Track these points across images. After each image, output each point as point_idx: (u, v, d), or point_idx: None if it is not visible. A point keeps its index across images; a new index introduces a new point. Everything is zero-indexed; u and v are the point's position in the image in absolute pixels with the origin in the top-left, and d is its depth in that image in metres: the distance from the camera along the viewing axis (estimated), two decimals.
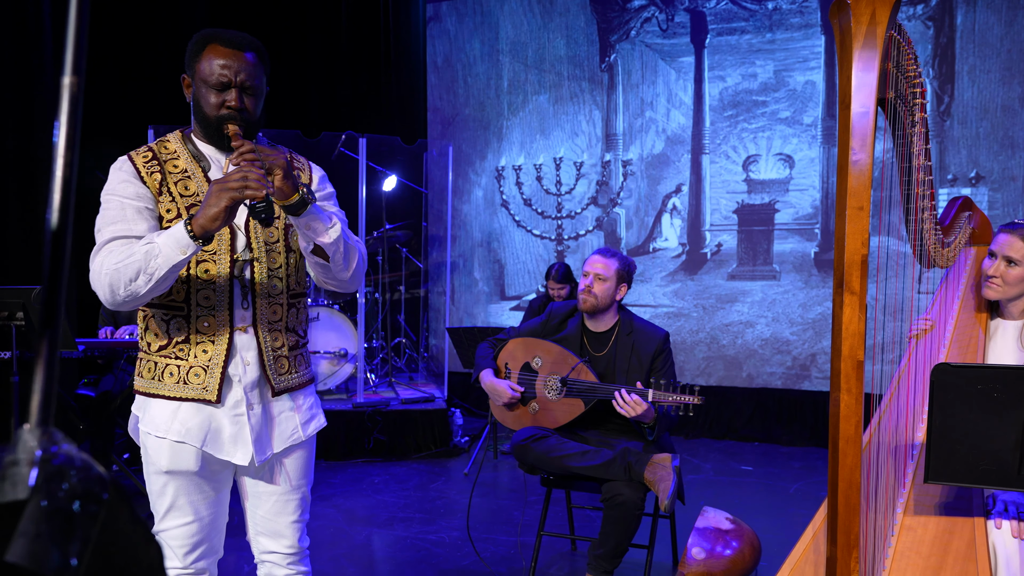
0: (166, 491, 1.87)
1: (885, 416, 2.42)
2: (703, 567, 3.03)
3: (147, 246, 1.69)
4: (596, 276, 3.00)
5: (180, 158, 1.88)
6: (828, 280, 5.94)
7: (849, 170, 2.05)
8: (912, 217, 2.37)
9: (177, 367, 1.85)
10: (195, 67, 1.83)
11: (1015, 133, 5.44)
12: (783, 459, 5.27)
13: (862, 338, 2.02)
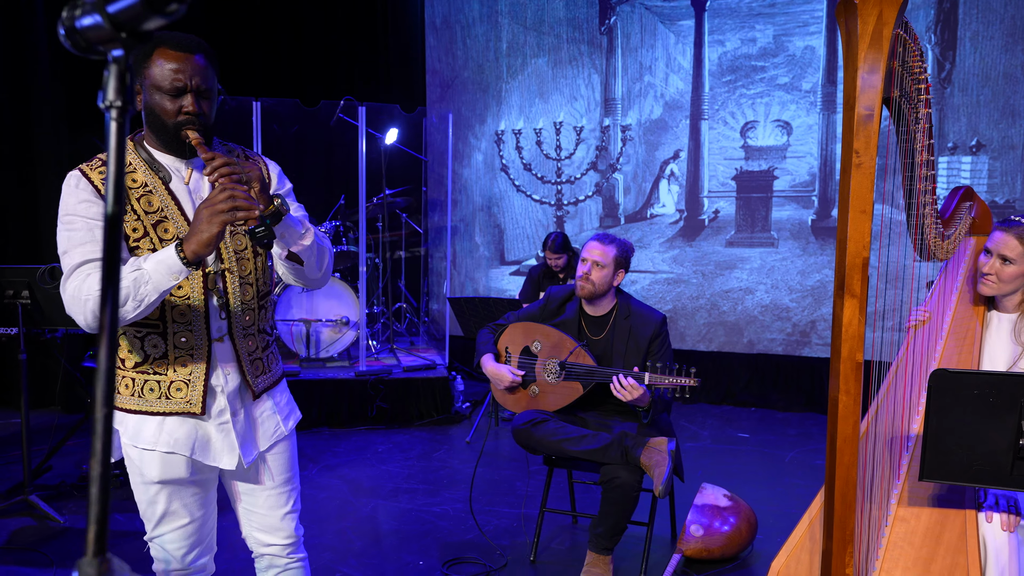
0: (158, 499, 1.89)
1: (882, 406, 2.44)
2: (701, 543, 3.08)
3: (135, 273, 1.65)
4: (594, 263, 3.00)
5: (137, 170, 1.81)
6: (826, 248, 5.93)
7: (852, 173, 2.03)
8: (914, 212, 2.35)
9: (157, 383, 1.83)
10: (144, 73, 1.73)
11: (1016, 101, 5.38)
12: (779, 425, 5.33)
13: (861, 340, 2.03)
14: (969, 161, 5.51)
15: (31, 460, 3.88)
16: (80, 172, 1.78)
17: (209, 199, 1.64)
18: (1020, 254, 2.33)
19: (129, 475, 1.90)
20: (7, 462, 4.66)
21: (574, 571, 3.07)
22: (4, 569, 3.21)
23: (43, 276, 3.65)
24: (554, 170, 6.82)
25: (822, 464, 4.35)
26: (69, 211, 1.75)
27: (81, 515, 3.79)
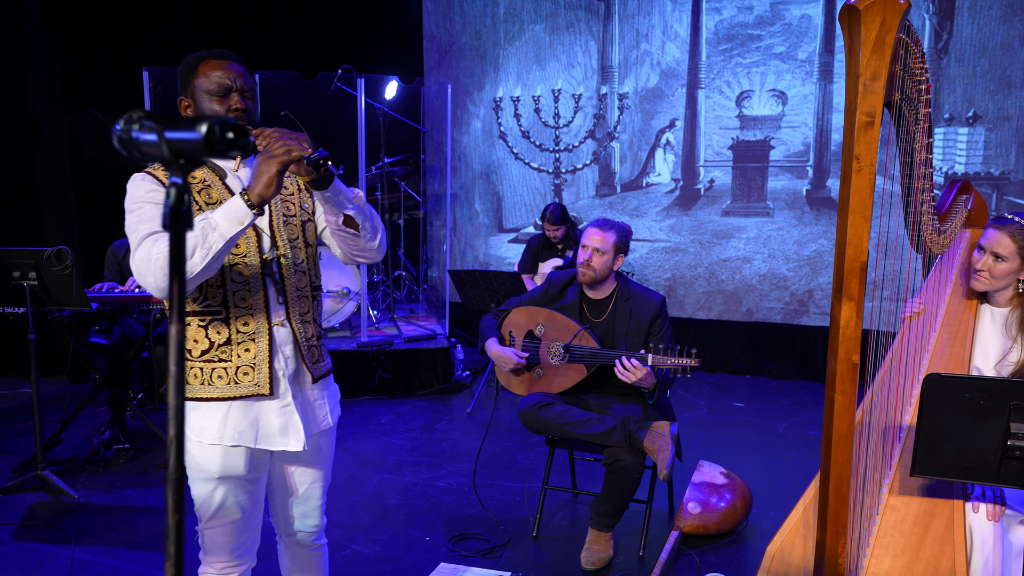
0: (215, 495, 1.98)
1: (877, 397, 2.50)
2: (698, 520, 3.18)
3: (202, 223, 1.73)
4: (595, 250, 3.04)
5: (197, 170, 1.89)
6: (821, 218, 5.96)
7: (852, 178, 2.06)
8: (912, 209, 2.39)
9: (224, 369, 1.92)
10: (193, 84, 1.90)
11: (1012, 72, 5.37)
12: (773, 394, 5.43)
13: (858, 342, 2.09)
14: (966, 132, 5.52)
15: (43, 435, 3.94)
16: (145, 172, 1.91)
17: (266, 150, 1.75)
18: (1012, 252, 2.37)
19: (188, 470, 1.98)
20: (17, 434, 4.73)
21: (575, 547, 3.17)
22: (24, 546, 3.28)
23: (50, 258, 3.67)
24: (552, 138, 6.80)
25: (815, 434, 4.47)
26: (136, 200, 1.86)
27: (94, 490, 3.87)
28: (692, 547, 3.17)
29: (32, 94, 5.67)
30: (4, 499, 3.76)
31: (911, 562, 2.26)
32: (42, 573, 3.05)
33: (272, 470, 2.10)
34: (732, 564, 3.06)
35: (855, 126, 2.05)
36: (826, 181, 5.95)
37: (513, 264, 6.86)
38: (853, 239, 2.07)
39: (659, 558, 2.94)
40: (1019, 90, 5.36)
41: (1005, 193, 5.45)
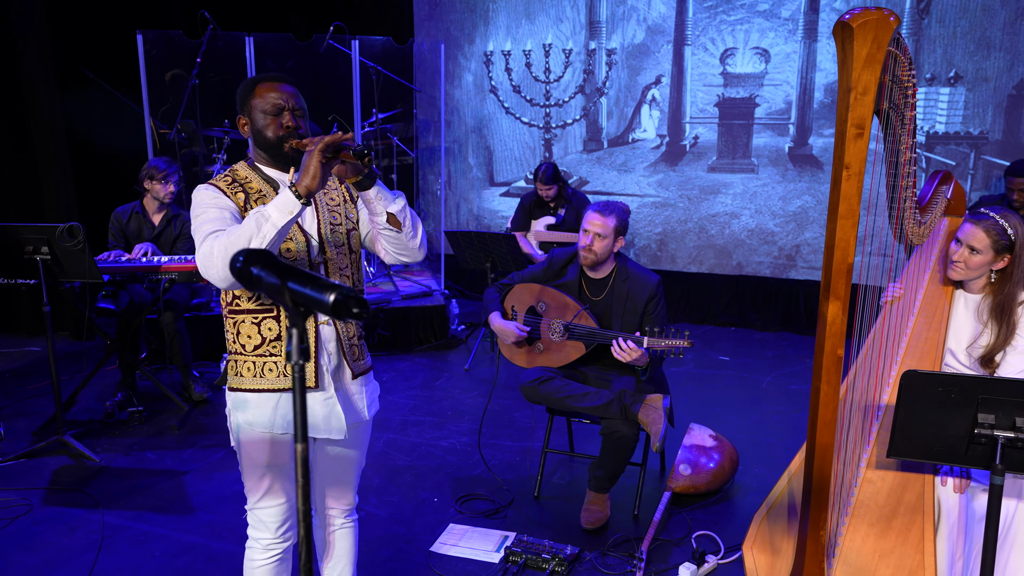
0: (263, 480, 2.16)
1: (858, 375, 2.66)
2: (688, 481, 3.38)
3: (256, 215, 1.87)
4: (596, 235, 3.15)
5: (253, 181, 2.09)
6: (804, 174, 6.07)
7: (842, 184, 2.17)
8: (895, 205, 2.51)
9: (275, 363, 2.09)
10: (250, 104, 2.07)
11: (992, 34, 5.43)
12: (757, 346, 5.63)
13: (842, 337, 2.23)
14: (947, 92, 5.61)
15: (61, 397, 4.05)
16: (208, 184, 2.07)
17: (312, 147, 1.89)
18: (987, 245, 2.51)
19: (240, 457, 2.17)
20: (31, 395, 4.84)
21: (575, 506, 3.37)
22: (55, 510, 3.44)
23: (62, 234, 3.73)
24: (543, 93, 6.81)
25: (796, 388, 4.68)
26: (201, 205, 2.02)
27: (113, 452, 4.02)
28: (683, 505, 3.38)
29: (23, 60, 5.60)
30: (29, 463, 3.90)
31: (884, 530, 2.46)
32: (76, 537, 3.22)
33: (313, 454, 2.26)
34: (720, 521, 3.28)
35: (845, 136, 2.15)
36: (808, 139, 6.05)
37: (505, 217, 6.94)
38: (841, 243, 2.19)
39: (653, 519, 3.15)
40: (998, 51, 5.44)
41: (983, 152, 5.58)
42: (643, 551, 2.97)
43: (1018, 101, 5.45)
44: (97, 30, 5.96)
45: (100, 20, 5.98)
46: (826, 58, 5.90)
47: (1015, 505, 2.47)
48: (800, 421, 4.25)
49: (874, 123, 2.24)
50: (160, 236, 4.62)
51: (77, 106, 5.82)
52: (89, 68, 5.62)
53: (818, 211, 6.04)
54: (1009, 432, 2.06)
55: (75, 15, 5.88)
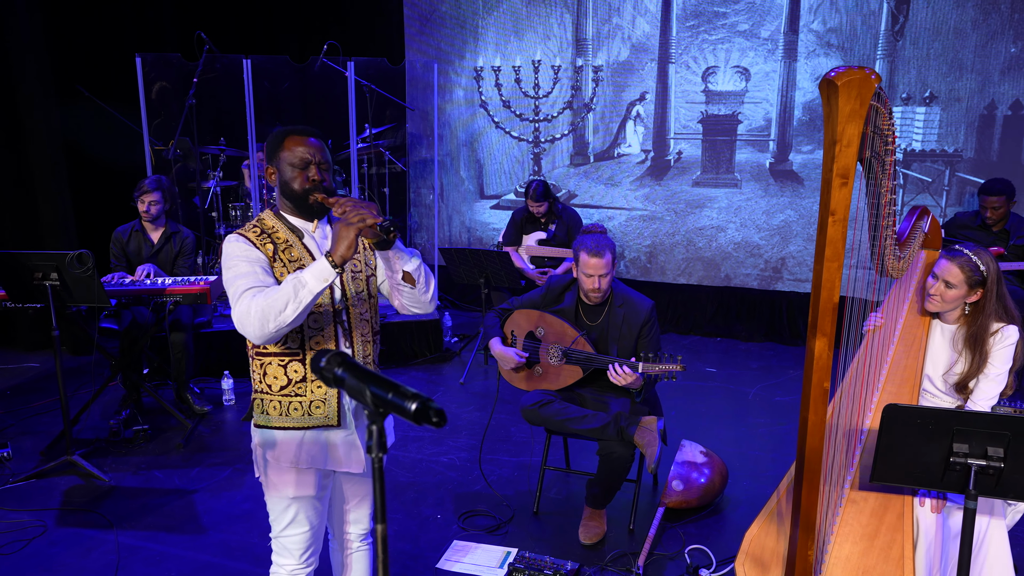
0: (288, 511, 2.28)
1: (843, 401, 2.81)
2: (681, 496, 3.53)
3: (293, 281, 2.00)
4: (601, 276, 3.27)
5: (279, 231, 2.20)
6: (785, 189, 6.23)
7: (828, 231, 2.31)
8: (877, 243, 2.66)
9: (300, 403, 2.21)
10: (279, 156, 2.18)
11: (964, 56, 5.62)
12: (742, 357, 5.79)
13: (828, 371, 2.38)
14: (923, 112, 5.79)
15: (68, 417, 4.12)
16: (237, 234, 2.18)
17: (343, 218, 2.02)
18: (961, 280, 2.67)
19: (266, 488, 2.29)
20: (34, 413, 4.91)
21: (572, 522, 3.50)
22: (69, 531, 3.53)
23: (72, 262, 3.81)
24: (532, 108, 6.94)
25: (781, 400, 4.84)
26: (231, 256, 2.14)
27: (121, 472, 4.10)
28: (676, 520, 3.52)
29: (20, 79, 5.64)
30: (39, 483, 3.98)
31: (867, 548, 2.61)
32: (93, 558, 3.31)
33: (334, 484, 2.40)
34: (711, 535, 3.42)
35: (831, 184, 2.29)
36: (788, 155, 6.21)
37: (496, 230, 7.07)
38: (827, 283, 2.33)
39: (648, 534, 3.29)
40: (969, 72, 5.63)
41: (957, 170, 5.77)
42: (640, 566, 3.11)
43: (989, 120, 5.64)
44: (94, 50, 6.02)
45: (97, 40, 6.04)
46: (805, 77, 6.07)
47: (987, 522, 2.63)
48: (785, 433, 4.41)
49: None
50: (159, 253, 4.70)
51: (74, 124, 5.87)
52: (87, 87, 5.67)
53: (800, 225, 6.21)
54: (981, 460, 2.22)
55: (72, 35, 5.94)
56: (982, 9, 5.52)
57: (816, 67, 6.02)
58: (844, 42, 5.93)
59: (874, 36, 5.85)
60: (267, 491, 2.30)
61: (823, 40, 5.98)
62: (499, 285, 5.47)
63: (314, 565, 2.41)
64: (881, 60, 5.85)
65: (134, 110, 5.48)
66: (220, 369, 5.27)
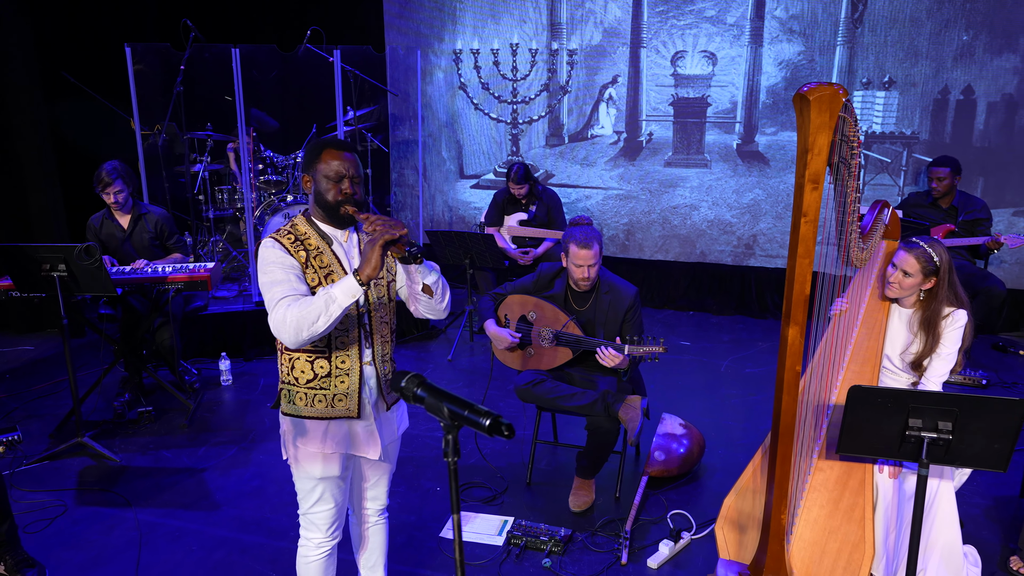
0: (316, 490, 2.48)
1: (811, 379, 3.06)
2: (662, 466, 3.78)
3: (324, 296, 2.17)
4: (590, 266, 3.47)
5: (311, 238, 2.36)
6: (753, 170, 6.47)
7: (801, 228, 2.53)
8: (843, 238, 2.89)
9: (324, 395, 2.40)
10: (315, 167, 2.32)
11: (919, 43, 5.87)
12: (714, 331, 6.06)
13: (800, 356, 2.61)
14: (882, 96, 6.04)
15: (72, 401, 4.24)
16: (272, 239, 2.33)
17: (372, 238, 2.17)
18: (917, 270, 2.93)
19: (294, 470, 2.48)
20: (36, 396, 5.01)
21: (563, 491, 3.74)
22: (90, 510, 3.69)
23: (79, 254, 3.92)
24: (510, 90, 7.06)
25: (751, 372, 5.13)
26: (267, 262, 2.29)
27: (130, 452, 4.25)
28: (659, 487, 3.78)
29: (6, 68, 5.63)
30: (52, 465, 4.12)
31: (833, 510, 2.88)
32: (116, 535, 3.48)
33: (354, 466, 2.61)
34: (691, 500, 3.69)
35: (803, 189, 2.51)
36: (755, 136, 6.44)
37: (477, 209, 7.24)
38: (799, 277, 2.56)
39: (633, 502, 3.55)
40: (924, 59, 5.88)
41: (914, 151, 6.05)
42: (627, 531, 3.37)
43: (943, 105, 5.91)
44: (81, 40, 6.02)
45: (84, 30, 6.03)
46: (769, 62, 6.27)
47: (937, 485, 2.92)
48: (756, 404, 4.69)
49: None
50: (131, 236, 4.72)
51: (62, 114, 5.89)
52: (76, 77, 5.69)
53: (769, 203, 6.47)
54: (933, 433, 2.48)
55: (59, 25, 5.92)
56: None
57: (779, 52, 6.23)
58: (806, 28, 6.14)
59: (834, 23, 6.06)
60: (295, 472, 2.49)
61: (786, 27, 6.19)
62: (483, 265, 5.66)
63: (338, 538, 2.62)
64: (841, 46, 6.07)
65: (121, 99, 5.52)
66: (217, 350, 5.42)
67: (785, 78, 6.27)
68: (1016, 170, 5.84)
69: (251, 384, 5.19)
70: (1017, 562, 3.14)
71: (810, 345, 2.98)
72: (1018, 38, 5.65)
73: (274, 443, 4.34)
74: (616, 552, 3.29)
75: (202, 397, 4.96)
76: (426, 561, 3.29)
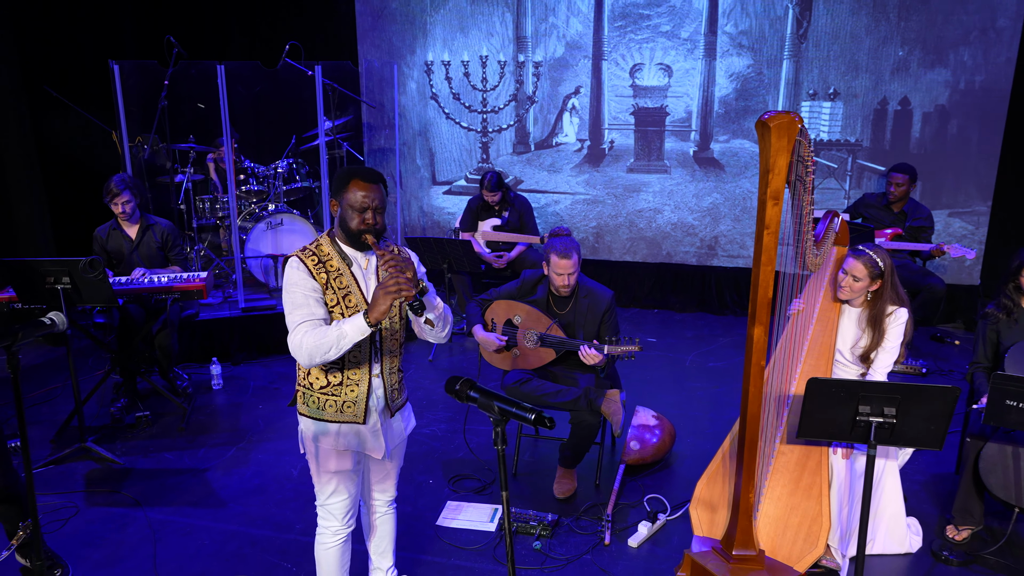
0: (332, 482, 2.70)
1: (773, 372, 3.35)
2: (637, 455, 4.06)
3: (337, 331, 2.39)
4: (570, 274, 3.72)
5: (333, 259, 2.55)
6: (710, 175, 6.80)
7: (763, 240, 2.81)
8: (799, 247, 3.18)
9: (335, 401, 2.61)
10: (343, 195, 2.50)
11: (859, 57, 6.25)
12: (678, 327, 6.38)
13: (765, 352, 2.90)
14: (828, 106, 6.41)
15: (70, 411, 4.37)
16: (297, 259, 2.52)
17: (383, 284, 2.35)
18: (865, 274, 3.24)
19: (311, 465, 2.70)
20: (32, 404, 5.10)
21: (547, 480, 3.99)
22: (101, 510, 3.83)
23: (84, 267, 4.05)
24: (480, 100, 7.28)
25: (714, 366, 5.45)
26: (290, 282, 2.50)
27: (133, 455, 4.39)
28: (635, 475, 4.06)
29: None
30: (57, 469, 4.23)
31: (794, 488, 3.19)
32: (130, 532, 3.64)
33: (365, 462, 2.83)
34: (665, 485, 3.98)
35: (765, 204, 2.79)
36: (710, 144, 6.77)
37: (451, 214, 7.45)
38: (763, 282, 2.84)
39: (612, 488, 3.82)
40: (864, 72, 6.27)
41: (858, 157, 6.43)
42: (608, 514, 3.63)
43: (882, 115, 6.31)
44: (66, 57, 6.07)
45: (66, 44, 6.08)
46: (722, 75, 6.60)
47: (883, 464, 3.24)
48: (720, 395, 5.00)
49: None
50: (139, 246, 4.88)
51: (47, 127, 5.95)
52: (62, 92, 5.75)
53: (727, 207, 6.80)
54: (879, 418, 2.79)
55: (41, 39, 5.97)
56: (874, 17, 6.15)
57: (730, 65, 6.57)
58: (754, 43, 6.48)
59: (781, 39, 6.41)
60: (313, 467, 2.71)
61: (736, 41, 6.52)
62: (460, 269, 5.88)
63: (352, 527, 2.84)
64: (788, 60, 6.43)
65: (102, 111, 5.60)
66: (204, 356, 5.55)
67: (736, 89, 6.61)
68: (950, 175, 6.26)
69: (242, 388, 5.33)
70: (952, 530, 3.49)
71: (772, 342, 3.28)
72: (948, 54, 6.06)
73: (271, 443, 4.52)
74: (599, 534, 3.56)
75: (195, 401, 5.09)
76: (426, 547, 3.52)
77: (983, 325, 3.62)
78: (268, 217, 6.21)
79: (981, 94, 6.07)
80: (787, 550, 3.08)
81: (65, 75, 6.11)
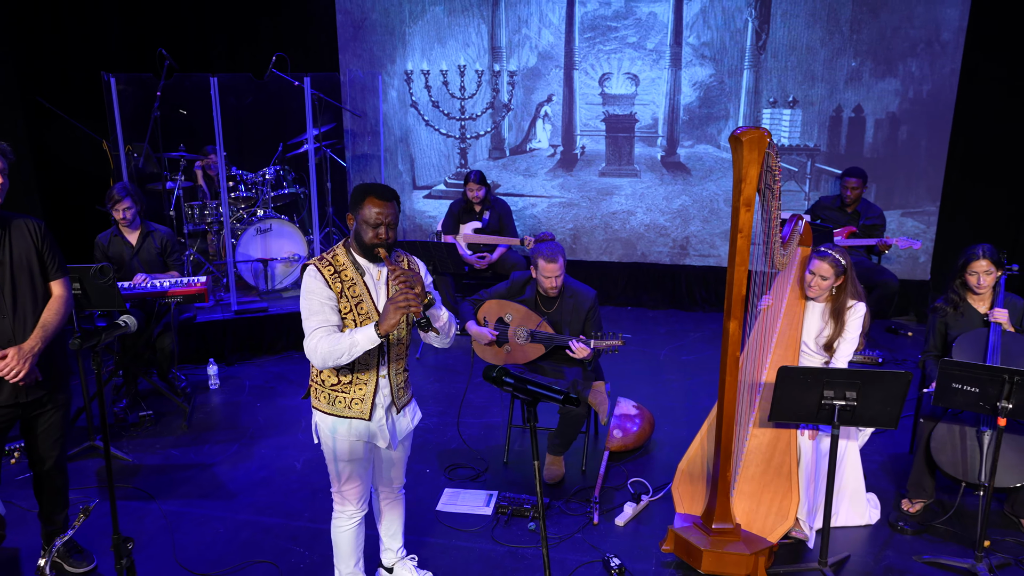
0: (346, 469, 2.90)
1: (746, 362, 3.62)
2: (620, 442, 4.31)
3: (349, 340, 2.59)
4: (556, 277, 3.96)
5: (347, 269, 2.73)
6: (678, 179, 7.09)
7: (737, 244, 3.07)
8: (768, 248, 3.45)
9: (344, 397, 2.81)
10: (359, 210, 2.67)
11: (815, 68, 6.59)
12: (651, 324, 6.66)
13: (739, 345, 3.17)
14: (788, 113, 6.74)
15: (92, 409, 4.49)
16: (315, 268, 2.69)
17: (393, 299, 2.55)
18: (831, 273, 3.54)
19: (327, 454, 2.89)
20: None
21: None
22: (118, 503, 3.94)
23: (95, 274, 4.18)
24: (458, 108, 7.49)
25: (687, 360, 5.75)
26: (307, 289, 2.68)
27: (140, 452, 4.53)
28: (618, 460, 4.32)
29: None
30: (70, 466, 4.31)
31: (766, 467, 3.46)
32: (147, 523, 3.80)
33: (376, 454, 3.03)
34: (646, 469, 4.24)
35: (739, 210, 3.05)
36: (676, 149, 7.06)
37: (432, 218, 7.64)
38: (737, 281, 3.11)
39: (598, 473, 4.07)
40: (820, 82, 6.60)
41: (816, 161, 6.77)
42: (596, 496, 3.88)
43: (837, 121, 6.65)
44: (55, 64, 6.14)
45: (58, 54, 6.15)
46: (686, 84, 6.89)
47: (846, 444, 3.53)
48: (693, 387, 5.28)
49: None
50: (140, 252, 5.00)
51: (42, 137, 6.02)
52: (55, 104, 5.84)
53: (696, 208, 7.09)
54: (842, 401, 3.07)
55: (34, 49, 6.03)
56: (828, 30, 6.49)
57: (693, 75, 6.86)
58: (716, 54, 6.78)
59: (741, 50, 6.72)
60: (328, 456, 2.90)
61: (699, 52, 6.82)
62: (444, 271, 6.08)
63: (365, 510, 3.04)
64: (748, 70, 6.74)
65: (98, 123, 5.70)
66: (200, 357, 5.68)
67: (699, 97, 6.91)
68: (901, 177, 6.63)
69: (238, 387, 5.48)
70: (907, 503, 3.80)
71: (745, 335, 3.55)
72: (898, 65, 6.42)
73: (272, 438, 4.69)
74: (588, 515, 3.81)
75: (194, 401, 5.23)
76: (428, 530, 3.73)
77: (933, 318, 3.94)
78: (257, 222, 6.35)
79: (929, 102, 6.45)
80: (761, 523, 3.36)
81: (57, 83, 6.18)
